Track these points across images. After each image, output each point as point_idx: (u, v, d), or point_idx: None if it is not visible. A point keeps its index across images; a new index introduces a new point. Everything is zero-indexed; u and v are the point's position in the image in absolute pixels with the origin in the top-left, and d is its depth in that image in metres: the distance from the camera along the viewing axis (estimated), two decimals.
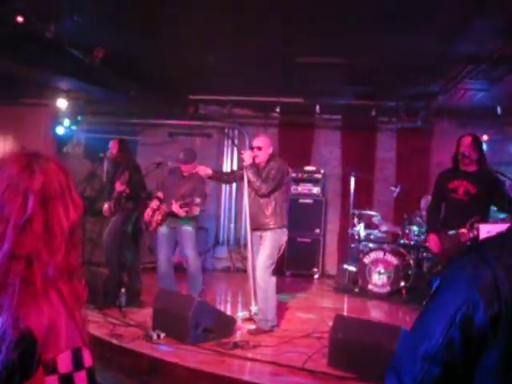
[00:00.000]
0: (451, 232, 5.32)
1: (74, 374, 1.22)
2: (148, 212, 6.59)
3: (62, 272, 1.27)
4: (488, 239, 1.25)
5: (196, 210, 6.45)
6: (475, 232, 4.89)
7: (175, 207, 6.31)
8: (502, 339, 1.09)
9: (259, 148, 5.91)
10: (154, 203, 6.67)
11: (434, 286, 1.26)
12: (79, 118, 9.89)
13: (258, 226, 5.87)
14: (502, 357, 1.09)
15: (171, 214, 6.45)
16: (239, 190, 9.61)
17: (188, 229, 6.56)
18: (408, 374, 1.17)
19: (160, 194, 6.77)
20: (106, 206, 6.91)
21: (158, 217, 6.55)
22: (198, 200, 6.36)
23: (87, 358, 1.27)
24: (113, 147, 7.02)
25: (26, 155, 1.33)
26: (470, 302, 1.12)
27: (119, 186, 6.70)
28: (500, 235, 1.24)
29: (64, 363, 1.21)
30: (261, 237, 5.86)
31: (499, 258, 1.14)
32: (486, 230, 4.25)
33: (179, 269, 6.79)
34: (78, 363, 1.23)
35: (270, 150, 5.99)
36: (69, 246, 1.29)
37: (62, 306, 1.25)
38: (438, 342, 1.14)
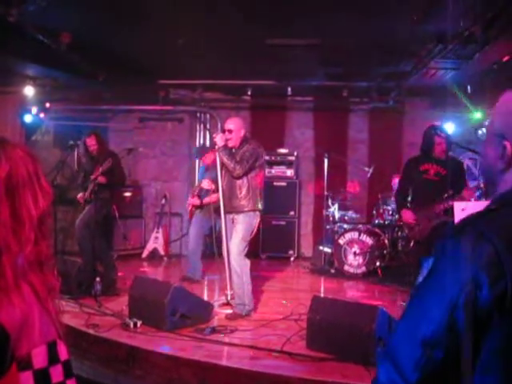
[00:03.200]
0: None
1: (49, 369, 1.17)
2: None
3: (32, 263, 1.21)
4: (477, 215, 1.17)
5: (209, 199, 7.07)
6: (449, 203, 5.06)
7: (190, 200, 7.29)
8: (509, 318, 1.04)
9: (230, 131, 5.85)
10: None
11: (425, 266, 1.17)
12: (47, 105, 9.66)
13: (230, 209, 5.84)
14: (507, 336, 1.05)
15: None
16: None
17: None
18: (407, 361, 1.12)
19: None
20: (80, 194, 6.81)
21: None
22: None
23: (63, 352, 1.22)
24: (91, 143, 6.81)
25: None
26: (474, 281, 1.05)
27: (101, 178, 6.52)
28: (488, 211, 1.17)
29: (39, 358, 1.16)
30: (233, 220, 5.84)
31: (497, 232, 1.09)
32: (461, 208, 4.26)
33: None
34: (53, 357, 1.19)
35: (242, 132, 5.92)
36: (38, 235, 1.23)
37: (34, 299, 1.20)
38: (440, 325, 1.08)
